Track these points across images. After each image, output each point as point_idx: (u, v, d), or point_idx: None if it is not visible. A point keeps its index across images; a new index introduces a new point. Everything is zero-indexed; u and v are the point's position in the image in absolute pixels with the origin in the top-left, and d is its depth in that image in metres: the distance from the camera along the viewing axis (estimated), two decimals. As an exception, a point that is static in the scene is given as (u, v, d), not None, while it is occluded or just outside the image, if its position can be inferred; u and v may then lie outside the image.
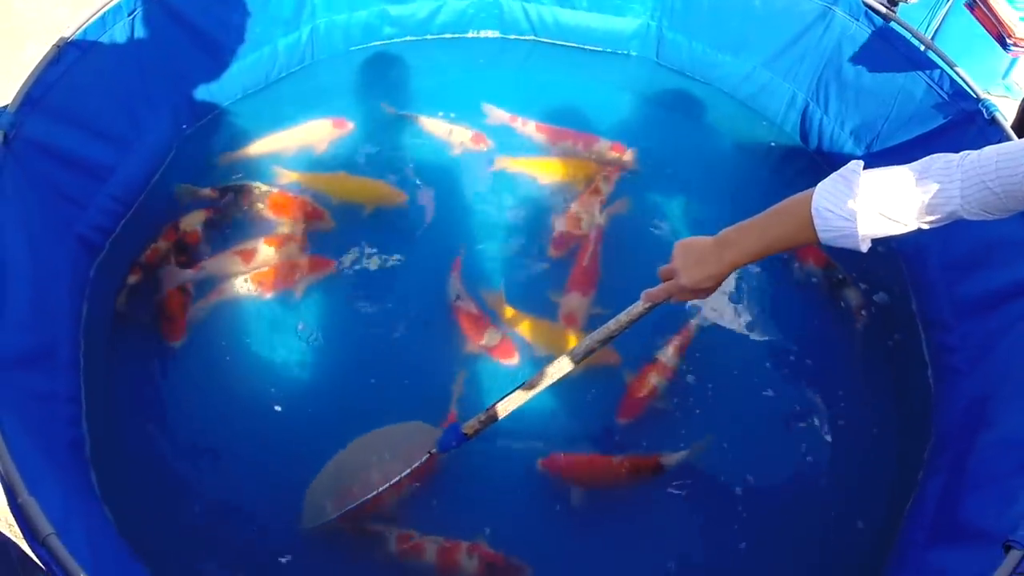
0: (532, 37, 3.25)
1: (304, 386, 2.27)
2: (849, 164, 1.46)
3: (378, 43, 3.18)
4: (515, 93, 3.07)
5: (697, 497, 2.16)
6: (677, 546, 2.09)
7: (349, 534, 2.01)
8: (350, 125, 2.87)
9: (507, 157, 2.83)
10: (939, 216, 1.40)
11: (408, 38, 3.20)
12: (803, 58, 2.96)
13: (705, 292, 1.69)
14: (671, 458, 2.16)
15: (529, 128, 2.93)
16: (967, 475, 2.02)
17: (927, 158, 1.42)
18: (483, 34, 3.28)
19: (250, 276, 2.44)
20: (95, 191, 2.42)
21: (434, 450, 2.00)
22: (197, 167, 2.70)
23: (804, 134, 3.05)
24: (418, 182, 2.74)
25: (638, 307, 1.78)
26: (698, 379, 2.36)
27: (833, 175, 1.47)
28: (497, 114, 2.96)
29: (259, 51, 2.86)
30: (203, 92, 2.78)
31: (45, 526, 1.40)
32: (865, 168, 1.44)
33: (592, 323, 2.34)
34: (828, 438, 2.30)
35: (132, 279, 2.40)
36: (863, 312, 2.57)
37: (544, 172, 2.81)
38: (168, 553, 1.94)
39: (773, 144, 3.06)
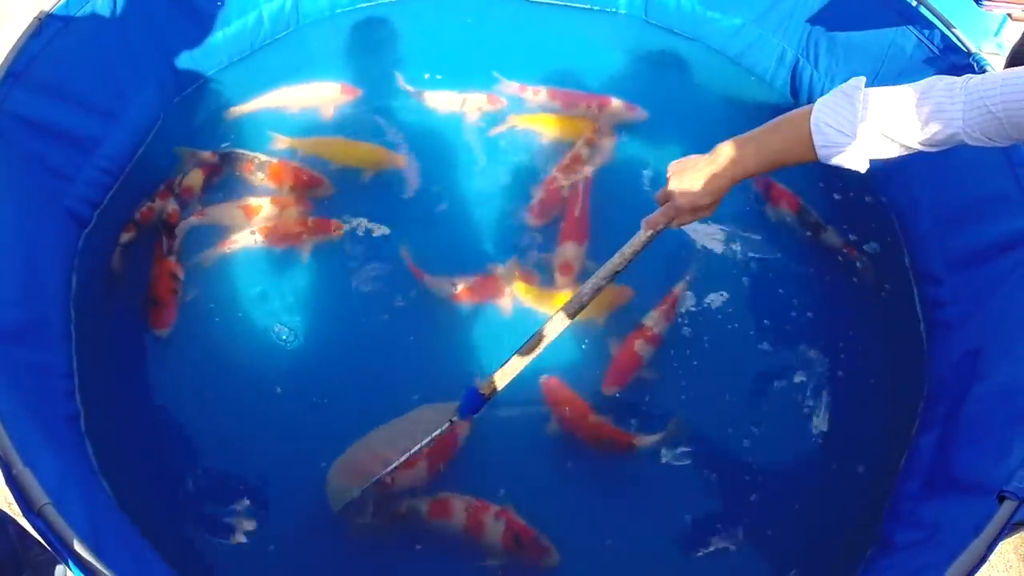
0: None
1: (303, 359, 2.26)
2: (851, 80, 1.44)
3: (364, 5, 3.13)
4: (506, 54, 3.03)
5: (706, 451, 2.18)
6: (691, 500, 2.12)
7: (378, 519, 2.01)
8: (359, 92, 2.85)
9: (518, 115, 2.82)
10: (940, 138, 1.38)
11: None
12: (792, 14, 2.94)
13: (705, 210, 1.66)
14: (645, 440, 2.14)
15: (541, 96, 2.91)
16: (961, 428, 2.03)
17: (929, 79, 1.40)
18: None
19: (255, 230, 2.43)
20: (82, 163, 2.40)
21: (455, 418, 1.97)
22: (185, 136, 2.67)
23: (794, 90, 3.04)
24: (424, 148, 2.72)
25: (640, 236, 1.76)
26: (694, 335, 2.37)
27: (834, 91, 1.45)
28: (507, 86, 2.93)
29: (244, 18, 2.83)
30: (188, 61, 2.75)
31: (41, 496, 1.40)
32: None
33: (587, 274, 2.33)
34: (827, 389, 2.32)
35: (126, 237, 2.40)
36: (843, 255, 2.58)
37: (557, 129, 2.80)
38: (166, 525, 1.94)
39: (763, 100, 3.05)
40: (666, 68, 3.17)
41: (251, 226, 2.44)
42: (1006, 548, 2.75)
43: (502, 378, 1.91)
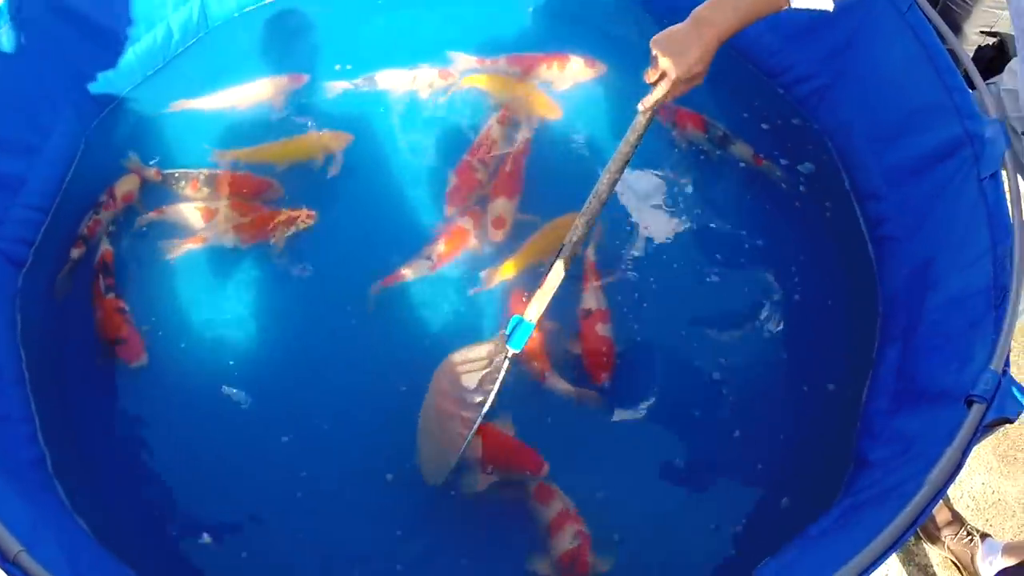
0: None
1: (274, 372, 2.23)
2: None
3: (268, 1, 3.06)
4: (431, 33, 2.98)
5: (680, 393, 2.23)
6: (675, 444, 2.16)
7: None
8: (304, 78, 2.80)
9: (475, 75, 2.81)
10: None
11: None
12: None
13: (699, 77, 1.70)
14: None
15: (500, 65, 2.88)
16: (921, 339, 2.06)
17: None
18: None
19: (228, 227, 2.39)
20: (9, 204, 2.33)
21: (510, 352, 1.97)
22: (110, 158, 2.58)
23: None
24: (374, 129, 2.70)
25: (639, 121, 1.80)
26: (643, 289, 2.38)
27: None
28: (463, 60, 2.88)
29: (152, 32, 2.75)
30: (103, 83, 2.67)
31: (13, 544, 1.38)
32: None
33: (521, 228, 2.41)
34: (786, 315, 2.36)
35: (76, 253, 2.35)
36: (764, 163, 2.62)
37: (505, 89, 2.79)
38: (148, 556, 1.92)
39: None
40: (589, 21, 3.13)
41: (212, 226, 2.41)
42: (984, 450, 2.80)
43: (542, 298, 1.96)
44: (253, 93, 2.76)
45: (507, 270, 2.36)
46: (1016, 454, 2.86)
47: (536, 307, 1.97)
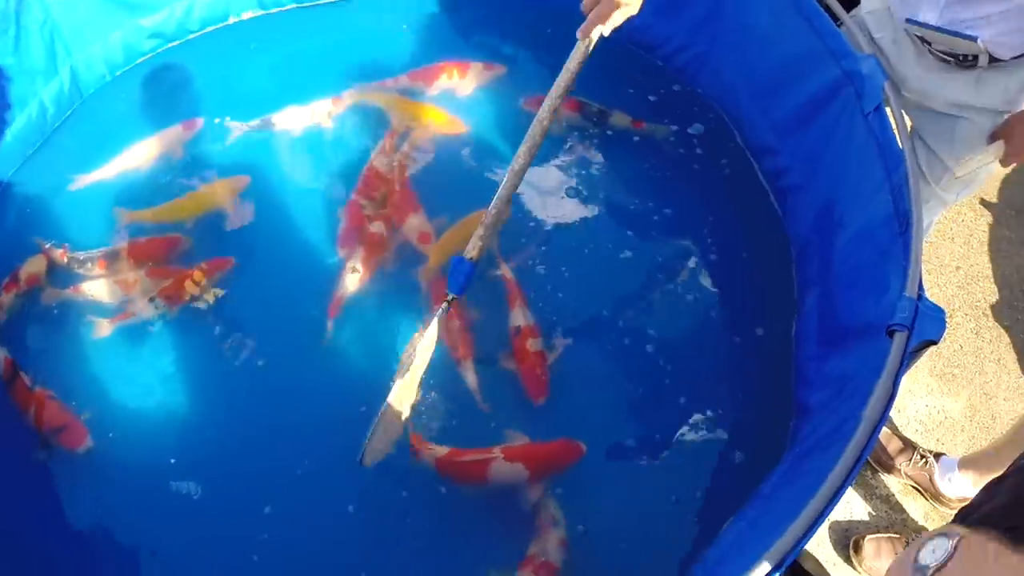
0: (294, 5, 3.12)
1: (221, 436, 2.15)
2: None
3: (143, 59, 3.00)
4: (317, 65, 2.95)
5: (619, 368, 2.24)
6: (624, 420, 2.17)
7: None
8: (199, 121, 2.75)
9: (370, 95, 2.77)
10: None
11: (172, 44, 3.02)
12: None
13: (635, 6, 1.75)
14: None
15: (402, 82, 2.85)
16: (836, 279, 2.09)
17: None
18: (244, 16, 3.09)
19: (153, 295, 2.32)
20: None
21: (449, 296, 1.98)
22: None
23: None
24: (279, 168, 2.65)
25: (579, 48, 1.84)
26: (557, 279, 2.38)
27: None
28: (363, 88, 2.85)
29: (26, 110, 2.69)
30: (-18, 172, 2.61)
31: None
32: None
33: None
34: (705, 275, 2.39)
35: None
36: (644, 125, 2.66)
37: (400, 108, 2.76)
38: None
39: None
40: (458, 26, 3.13)
41: (135, 298, 2.34)
42: (921, 373, 2.85)
43: (485, 234, 1.96)
44: (148, 151, 2.70)
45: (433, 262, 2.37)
46: (953, 371, 2.92)
47: (474, 244, 1.96)
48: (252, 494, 2.04)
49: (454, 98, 2.81)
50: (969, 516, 1.48)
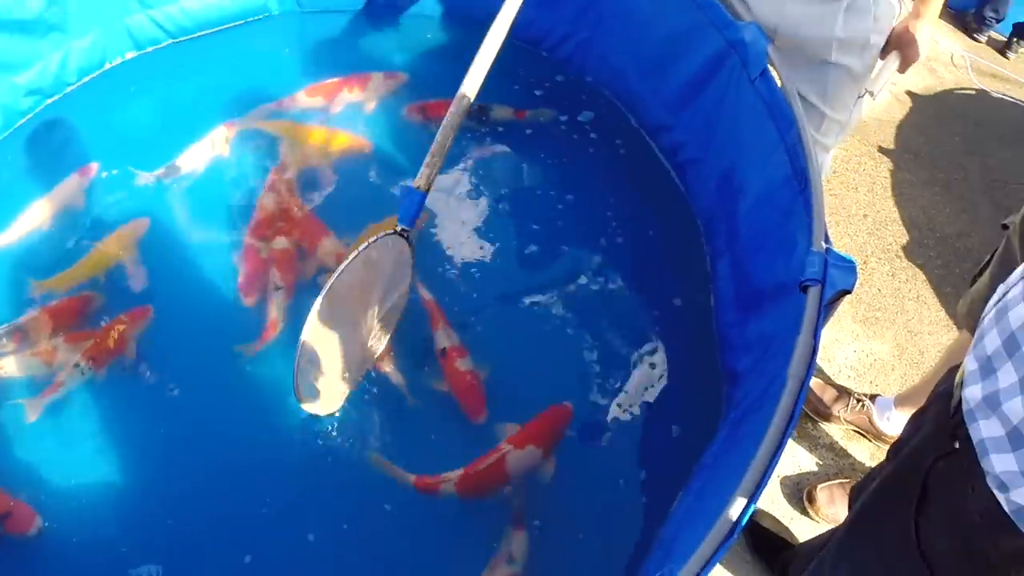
0: (170, 41, 3.06)
1: (169, 496, 2.04)
2: None
3: (23, 120, 2.91)
4: (195, 101, 2.88)
5: (545, 361, 2.25)
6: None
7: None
8: (95, 165, 2.65)
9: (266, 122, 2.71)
10: None
11: (51, 100, 2.92)
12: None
13: None
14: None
15: (300, 100, 2.80)
16: (744, 243, 2.13)
17: None
18: (119, 60, 3.01)
19: (79, 361, 2.21)
20: None
21: (400, 227, 1.97)
22: None
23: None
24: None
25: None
26: (472, 281, 2.37)
27: None
28: (261, 110, 2.80)
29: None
30: None
31: None
32: None
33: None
34: (614, 258, 2.40)
35: None
36: (527, 113, 2.68)
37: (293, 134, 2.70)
38: None
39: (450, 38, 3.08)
40: (344, 48, 3.12)
41: (59, 366, 2.23)
42: (844, 320, 2.92)
43: (431, 161, 1.97)
44: (48, 208, 2.59)
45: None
46: (875, 315, 2.99)
47: (422, 173, 1.96)
48: (226, 544, 1.98)
49: (359, 111, 2.79)
50: (901, 451, 1.52)
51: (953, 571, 1.29)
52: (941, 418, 1.35)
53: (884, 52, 2.14)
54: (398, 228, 1.99)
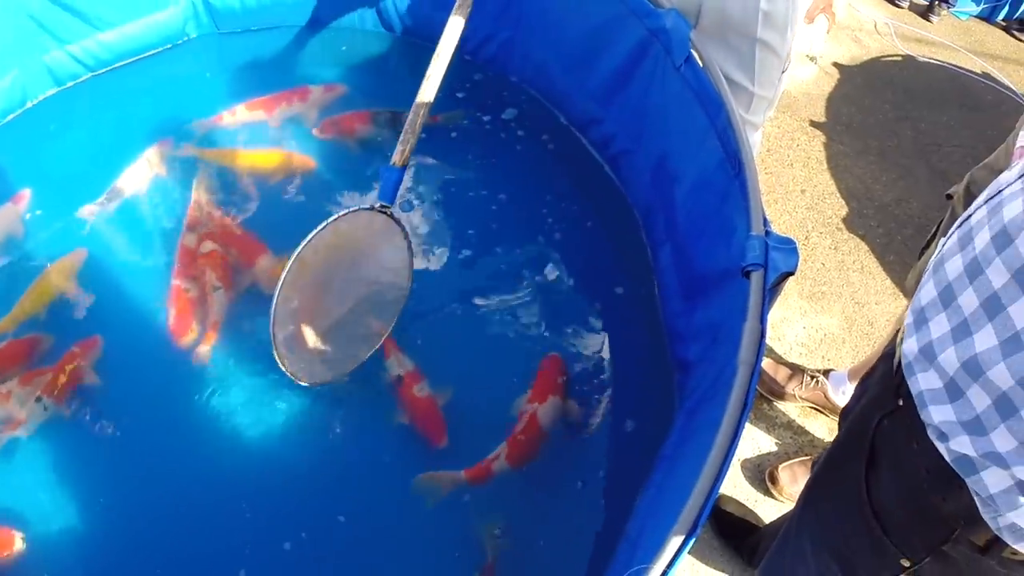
0: (89, 75, 3.00)
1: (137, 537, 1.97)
2: None
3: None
4: (122, 131, 2.78)
5: (491, 365, 2.22)
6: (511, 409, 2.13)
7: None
8: (27, 191, 2.56)
9: (193, 147, 2.63)
10: None
11: None
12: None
13: None
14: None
15: (240, 115, 2.76)
16: (684, 232, 2.12)
17: None
18: (41, 97, 2.89)
19: (39, 396, 2.13)
20: None
21: (378, 204, 2.00)
22: None
23: (388, 25, 3.06)
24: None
25: None
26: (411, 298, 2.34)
27: None
28: (200, 124, 2.75)
29: None
30: None
31: None
32: None
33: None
34: (555, 255, 2.38)
35: None
36: (440, 117, 2.67)
37: (249, 162, 2.64)
38: None
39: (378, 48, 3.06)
40: (268, 67, 3.07)
41: (13, 406, 2.14)
42: (791, 299, 2.93)
43: (405, 137, 2.02)
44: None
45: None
46: (821, 289, 3.01)
47: (398, 150, 2.00)
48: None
49: (300, 125, 2.74)
50: (850, 412, 1.53)
51: (905, 528, 1.30)
52: (886, 378, 1.36)
53: (810, 15, 2.17)
54: (376, 205, 1.99)
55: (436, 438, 2.05)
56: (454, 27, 2.10)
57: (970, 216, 1.13)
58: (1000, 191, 1.07)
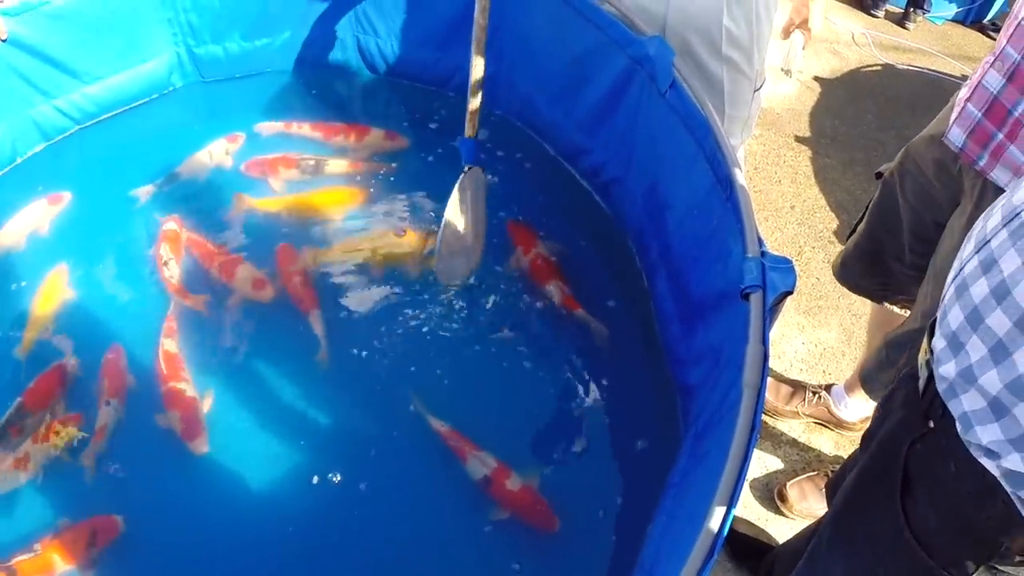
0: (77, 128, 2.97)
1: None
2: None
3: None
4: (105, 190, 2.82)
5: (511, 389, 2.22)
6: (526, 438, 2.14)
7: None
8: (67, 194, 2.65)
9: (250, 197, 2.65)
10: None
11: None
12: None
13: None
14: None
15: (304, 130, 2.86)
16: (679, 257, 2.13)
17: None
18: (30, 153, 2.87)
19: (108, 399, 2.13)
20: None
21: (467, 167, 2.30)
22: None
23: (371, 66, 3.09)
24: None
25: None
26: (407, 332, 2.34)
27: None
28: (269, 127, 2.87)
29: None
30: None
31: None
32: None
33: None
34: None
35: None
36: (360, 165, 2.71)
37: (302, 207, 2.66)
38: None
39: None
40: (254, 108, 3.08)
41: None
42: (788, 316, 2.94)
43: (470, 115, 2.27)
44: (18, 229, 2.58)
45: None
46: (817, 304, 3.01)
47: (469, 124, 2.27)
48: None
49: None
50: (875, 436, 1.53)
51: (949, 548, 1.30)
52: (911, 401, 1.36)
53: (785, 31, 2.19)
54: (465, 167, 2.30)
55: (548, 524, 2.00)
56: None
57: (989, 241, 1.14)
58: (1018, 213, 1.09)
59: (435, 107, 2.95)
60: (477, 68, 2.24)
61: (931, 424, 1.26)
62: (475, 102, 2.26)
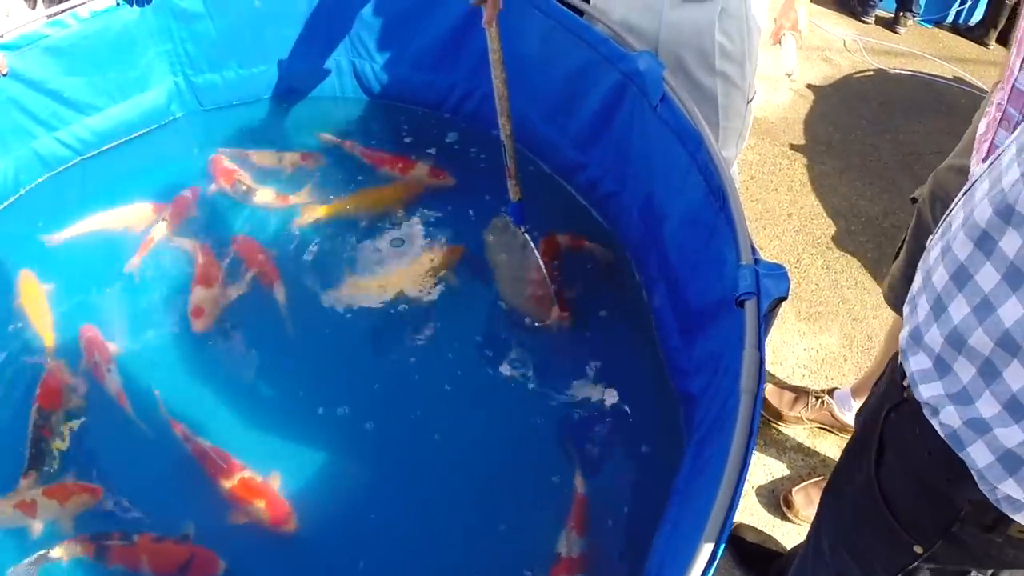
0: (79, 159, 2.98)
1: None
2: None
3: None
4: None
5: (515, 399, 2.22)
6: (534, 451, 2.15)
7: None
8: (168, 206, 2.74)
9: (314, 205, 2.72)
10: None
11: None
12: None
13: None
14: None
15: (356, 150, 2.93)
16: (676, 267, 2.14)
17: None
18: (33, 184, 2.92)
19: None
20: None
21: (522, 228, 2.46)
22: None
23: (367, 89, 3.12)
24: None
25: (490, 34, 2.19)
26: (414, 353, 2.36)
27: None
28: (326, 137, 2.96)
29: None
30: None
31: None
32: None
33: None
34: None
35: None
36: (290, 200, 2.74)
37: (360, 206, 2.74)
38: None
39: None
40: (253, 136, 3.12)
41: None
42: (788, 322, 2.95)
43: (511, 177, 2.37)
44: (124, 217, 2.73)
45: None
46: (817, 310, 3.03)
47: (512, 190, 2.40)
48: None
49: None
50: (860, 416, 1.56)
51: (914, 513, 1.32)
52: (892, 374, 1.38)
53: (775, 36, 2.22)
54: (522, 230, 2.46)
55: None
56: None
57: (951, 212, 1.17)
58: (972, 182, 1.12)
59: (431, 128, 2.98)
60: (509, 138, 2.36)
61: (905, 394, 1.28)
62: (512, 166, 2.37)
